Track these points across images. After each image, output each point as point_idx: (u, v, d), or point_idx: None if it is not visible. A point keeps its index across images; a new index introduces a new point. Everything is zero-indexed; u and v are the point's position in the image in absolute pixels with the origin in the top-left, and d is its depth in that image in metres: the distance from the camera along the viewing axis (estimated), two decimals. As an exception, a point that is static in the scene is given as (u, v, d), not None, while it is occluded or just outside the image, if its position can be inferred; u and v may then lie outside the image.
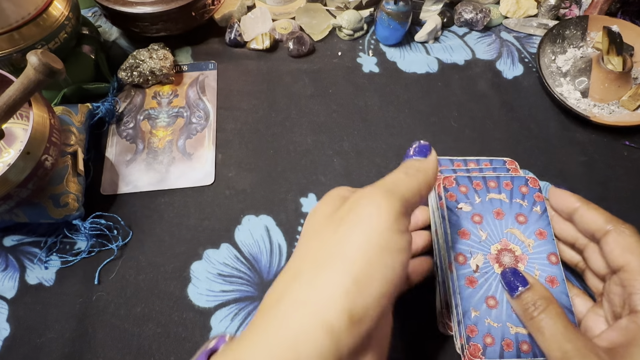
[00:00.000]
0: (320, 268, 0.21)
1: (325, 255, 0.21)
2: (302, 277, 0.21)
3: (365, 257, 0.20)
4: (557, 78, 0.58)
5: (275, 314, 0.20)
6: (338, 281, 0.20)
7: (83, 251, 0.45)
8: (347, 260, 0.20)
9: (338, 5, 0.64)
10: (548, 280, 0.35)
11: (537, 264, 0.36)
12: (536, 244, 0.37)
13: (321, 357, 0.19)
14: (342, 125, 0.54)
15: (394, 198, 0.23)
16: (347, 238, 0.21)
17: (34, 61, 0.35)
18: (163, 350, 0.40)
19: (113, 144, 0.52)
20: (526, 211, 0.38)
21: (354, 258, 0.20)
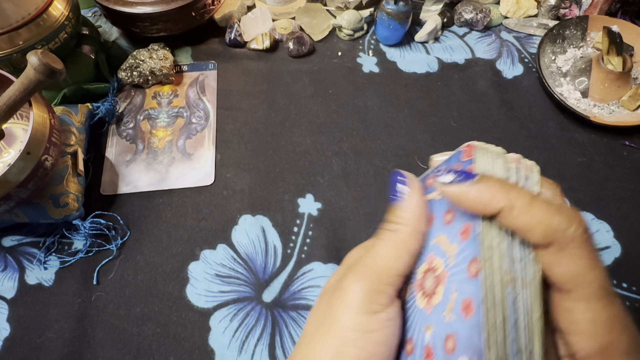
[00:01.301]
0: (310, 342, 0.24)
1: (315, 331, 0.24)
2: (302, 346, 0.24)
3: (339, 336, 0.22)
4: (557, 78, 0.58)
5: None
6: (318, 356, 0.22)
7: (81, 251, 0.45)
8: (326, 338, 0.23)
9: (338, 5, 0.64)
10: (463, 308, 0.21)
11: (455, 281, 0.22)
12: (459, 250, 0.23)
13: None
14: (341, 126, 0.54)
15: (366, 280, 0.23)
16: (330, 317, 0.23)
17: (34, 61, 0.35)
18: (162, 350, 0.40)
19: (113, 144, 0.52)
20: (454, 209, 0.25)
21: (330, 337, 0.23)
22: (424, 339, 0.23)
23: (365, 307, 0.22)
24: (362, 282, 0.23)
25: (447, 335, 0.22)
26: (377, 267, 0.23)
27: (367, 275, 0.23)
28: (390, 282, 0.23)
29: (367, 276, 0.23)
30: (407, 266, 0.24)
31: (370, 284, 0.23)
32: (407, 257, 0.24)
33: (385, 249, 0.24)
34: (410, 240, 0.24)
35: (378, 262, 0.23)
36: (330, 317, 0.23)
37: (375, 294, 0.23)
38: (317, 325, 0.24)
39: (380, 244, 0.24)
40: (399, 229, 0.24)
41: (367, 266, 0.23)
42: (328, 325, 0.23)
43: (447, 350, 0.21)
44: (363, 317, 0.22)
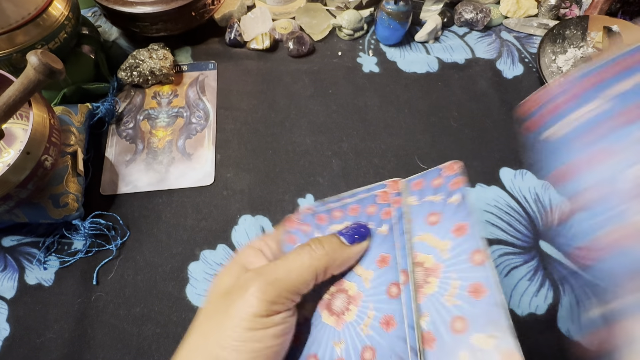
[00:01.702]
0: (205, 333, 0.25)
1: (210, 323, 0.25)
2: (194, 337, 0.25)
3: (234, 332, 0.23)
4: (557, 78, 0.57)
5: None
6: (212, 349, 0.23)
7: (81, 251, 0.45)
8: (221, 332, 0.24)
9: (338, 5, 0.64)
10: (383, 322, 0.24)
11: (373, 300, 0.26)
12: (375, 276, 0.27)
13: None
14: (341, 126, 0.54)
15: (273, 291, 0.24)
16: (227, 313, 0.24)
17: (34, 61, 0.35)
18: (162, 351, 0.40)
19: (113, 144, 0.52)
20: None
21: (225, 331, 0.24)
22: (333, 353, 0.26)
23: (264, 313, 0.24)
24: (267, 292, 0.24)
25: (363, 347, 0.24)
26: (285, 283, 0.25)
27: (272, 287, 0.24)
28: (291, 298, 0.25)
29: (272, 288, 0.24)
30: (308, 289, 0.26)
31: (273, 296, 0.24)
32: (313, 282, 0.26)
33: (300, 269, 0.25)
34: (322, 271, 0.26)
35: (288, 280, 0.25)
36: (228, 313, 0.24)
37: (274, 305, 0.24)
38: (212, 319, 0.25)
39: (298, 262, 0.26)
40: (318, 252, 0.26)
41: (276, 279, 0.25)
42: (224, 320, 0.24)
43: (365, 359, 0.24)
44: (259, 319, 0.23)
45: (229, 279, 0.27)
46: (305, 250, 0.26)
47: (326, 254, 0.26)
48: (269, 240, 0.31)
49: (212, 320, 0.25)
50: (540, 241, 0.46)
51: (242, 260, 0.28)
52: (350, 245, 0.27)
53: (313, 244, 0.26)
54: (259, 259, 0.28)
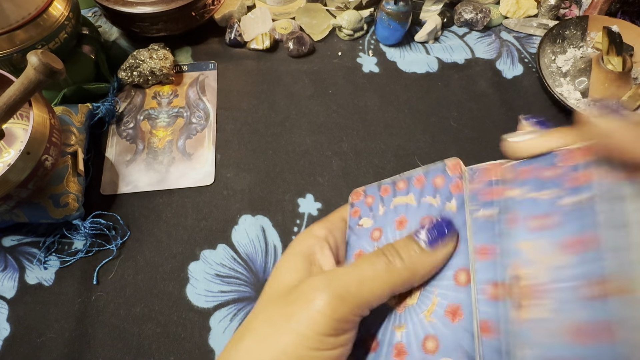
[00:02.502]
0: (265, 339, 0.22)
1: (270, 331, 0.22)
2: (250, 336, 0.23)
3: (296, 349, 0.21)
4: (557, 78, 0.58)
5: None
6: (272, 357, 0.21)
7: (81, 251, 0.45)
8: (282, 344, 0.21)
9: (338, 5, 0.64)
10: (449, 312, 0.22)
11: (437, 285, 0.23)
12: None
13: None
14: (341, 126, 0.54)
15: (342, 307, 0.21)
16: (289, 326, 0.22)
17: (34, 61, 0.35)
18: (163, 350, 0.40)
19: (113, 144, 0.52)
20: (436, 212, 0.25)
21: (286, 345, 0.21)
22: (394, 337, 0.23)
23: (331, 332, 0.21)
24: (336, 308, 0.21)
25: (426, 335, 0.22)
26: (357, 298, 0.22)
27: (343, 302, 0.21)
28: (363, 314, 0.22)
29: (342, 303, 0.21)
30: (381, 303, 0.23)
31: (343, 313, 0.21)
32: (386, 296, 0.22)
33: (374, 281, 0.22)
34: (399, 285, 0.22)
35: (360, 293, 0.22)
36: (290, 326, 0.21)
37: (344, 323, 0.21)
38: (273, 326, 0.22)
39: (372, 272, 0.22)
40: (397, 265, 0.22)
41: (347, 292, 0.22)
42: (285, 331, 0.21)
43: (427, 350, 0.22)
44: (326, 339, 0.21)
45: (292, 275, 0.24)
46: (381, 260, 0.22)
47: (405, 268, 0.22)
48: (332, 228, 0.28)
49: (271, 328, 0.22)
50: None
51: (305, 250, 0.26)
52: (432, 251, 0.22)
53: (389, 254, 0.22)
54: (324, 252, 0.26)
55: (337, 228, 0.28)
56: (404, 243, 0.23)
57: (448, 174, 0.26)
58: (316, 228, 0.28)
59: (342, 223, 0.29)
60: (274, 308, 0.23)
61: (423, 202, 0.26)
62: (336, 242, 0.27)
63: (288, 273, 0.24)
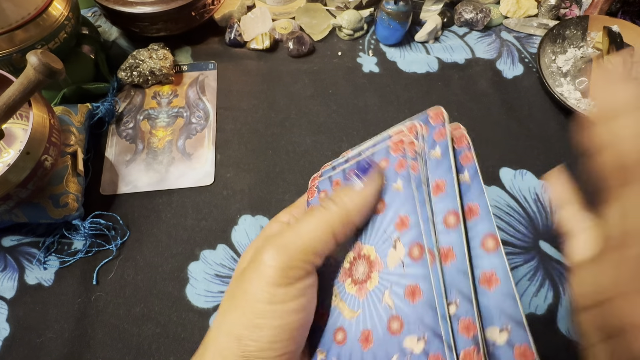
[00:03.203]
0: (226, 313, 0.24)
1: (231, 303, 0.24)
2: (218, 318, 0.24)
3: (254, 308, 0.22)
4: (557, 78, 0.57)
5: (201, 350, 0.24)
6: (233, 329, 0.23)
7: (80, 251, 0.45)
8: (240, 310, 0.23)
9: (338, 5, 0.64)
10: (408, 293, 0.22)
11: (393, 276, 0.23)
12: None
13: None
14: (341, 126, 0.54)
15: (282, 255, 0.23)
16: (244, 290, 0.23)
17: (33, 61, 0.35)
18: (162, 350, 0.40)
19: (113, 144, 0.52)
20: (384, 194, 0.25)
21: (245, 309, 0.23)
22: (359, 325, 0.24)
23: (280, 281, 0.22)
24: (279, 256, 0.22)
25: (390, 317, 0.22)
26: (297, 243, 0.23)
27: (285, 250, 0.23)
28: (308, 260, 0.23)
29: (284, 251, 0.23)
30: (329, 249, 0.24)
31: (287, 260, 0.22)
32: (330, 240, 0.23)
33: (309, 225, 0.23)
34: (338, 225, 0.24)
35: (299, 239, 0.23)
36: (244, 290, 0.23)
37: (290, 270, 0.22)
38: (232, 299, 0.24)
39: (307, 220, 0.24)
40: (330, 208, 0.24)
41: (286, 241, 0.23)
42: (242, 298, 0.23)
43: (392, 330, 0.22)
44: (277, 289, 0.22)
45: (249, 256, 0.25)
46: (315, 208, 0.24)
47: (337, 206, 0.24)
48: (294, 210, 0.29)
49: (231, 300, 0.24)
50: (540, 241, 0.46)
51: (267, 233, 0.27)
52: (361, 190, 0.24)
53: (323, 202, 0.24)
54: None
55: (299, 208, 0.30)
56: (337, 189, 0.25)
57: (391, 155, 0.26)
58: (281, 214, 0.29)
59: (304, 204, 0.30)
60: (233, 285, 0.25)
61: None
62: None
63: (247, 255, 0.26)
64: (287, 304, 0.22)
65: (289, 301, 0.22)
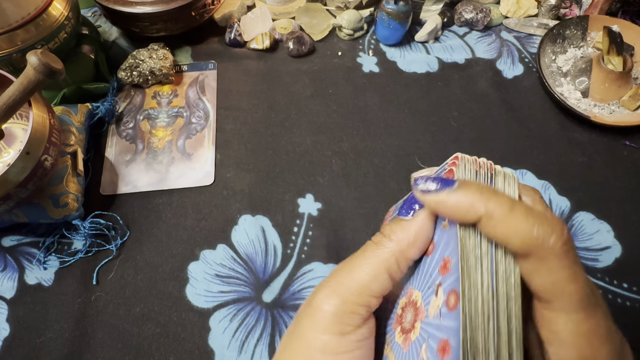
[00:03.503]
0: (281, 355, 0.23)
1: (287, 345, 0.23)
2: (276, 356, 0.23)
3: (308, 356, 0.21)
4: (557, 78, 0.57)
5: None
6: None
7: (80, 251, 0.45)
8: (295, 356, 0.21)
9: (338, 5, 0.64)
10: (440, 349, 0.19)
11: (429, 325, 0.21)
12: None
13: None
14: (341, 126, 0.54)
15: (337, 299, 0.21)
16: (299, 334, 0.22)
17: (33, 61, 0.35)
18: (162, 351, 0.40)
19: (113, 144, 0.52)
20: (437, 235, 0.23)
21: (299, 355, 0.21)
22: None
23: (335, 328, 0.21)
24: (333, 300, 0.21)
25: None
26: (351, 284, 0.21)
27: (339, 293, 0.21)
28: (364, 303, 0.21)
29: (339, 294, 0.21)
30: (385, 288, 0.22)
31: (341, 304, 0.21)
32: (385, 278, 0.22)
33: (363, 265, 0.22)
34: (393, 261, 0.22)
35: (353, 280, 0.21)
36: (298, 335, 0.22)
37: (345, 315, 0.21)
38: (286, 343, 0.22)
39: (360, 258, 0.22)
40: (385, 244, 0.22)
41: (340, 283, 0.22)
42: (296, 343, 0.22)
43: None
44: (332, 338, 0.21)
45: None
46: (368, 245, 0.23)
47: (390, 240, 0.22)
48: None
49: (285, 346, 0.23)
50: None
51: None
52: (409, 219, 0.22)
53: (374, 237, 0.23)
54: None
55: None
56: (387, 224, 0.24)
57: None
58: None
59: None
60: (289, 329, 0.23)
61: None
62: None
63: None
64: (341, 355, 0.21)
65: (343, 353, 0.21)
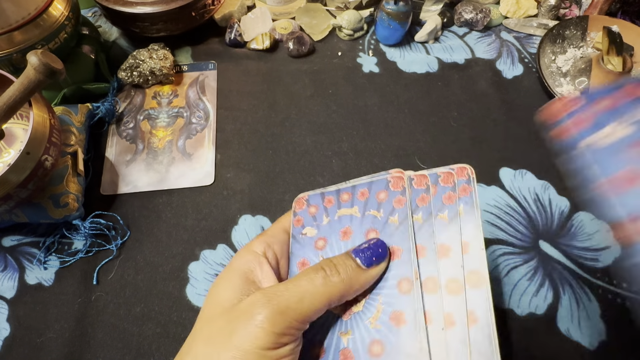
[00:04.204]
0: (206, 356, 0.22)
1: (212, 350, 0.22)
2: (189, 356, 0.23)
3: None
4: (557, 78, 0.58)
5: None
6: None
7: (81, 251, 0.45)
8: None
9: (338, 5, 0.64)
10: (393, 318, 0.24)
11: (382, 294, 0.25)
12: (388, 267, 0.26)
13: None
14: (341, 126, 0.54)
15: (282, 322, 0.22)
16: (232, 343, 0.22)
17: (34, 61, 0.35)
18: (162, 350, 0.40)
19: (113, 144, 0.52)
20: (379, 225, 0.27)
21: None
22: (340, 343, 0.25)
23: (271, 345, 0.22)
24: (276, 322, 0.22)
25: (372, 340, 0.24)
26: (296, 312, 0.22)
27: (283, 317, 0.22)
28: (302, 327, 0.23)
29: (283, 318, 0.22)
30: (320, 315, 0.24)
31: (284, 327, 0.22)
32: (324, 308, 0.23)
33: (313, 296, 0.23)
34: (338, 298, 0.24)
35: (299, 308, 0.22)
36: (231, 343, 0.22)
37: (283, 337, 0.22)
38: (213, 345, 0.22)
39: (311, 288, 0.23)
40: (337, 283, 0.23)
41: (286, 307, 0.22)
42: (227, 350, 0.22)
43: (373, 354, 0.23)
44: (268, 352, 0.22)
45: (229, 293, 0.25)
46: (319, 275, 0.24)
47: (342, 281, 0.23)
48: (272, 242, 0.28)
49: (212, 346, 0.22)
50: (540, 241, 0.46)
51: (242, 267, 0.26)
52: (367, 269, 0.24)
53: (327, 268, 0.24)
54: (263, 269, 0.26)
55: (278, 241, 0.29)
56: (342, 259, 0.25)
57: (391, 189, 0.28)
58: (255, 243, 0.28)
59: (283, 234, 0.29)
60: (213, 327, 0.23)
61: (367, 215, 0.28)
62: (275, 256, 0.28)
63: (225, 291, 0.25)
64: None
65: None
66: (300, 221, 0.30)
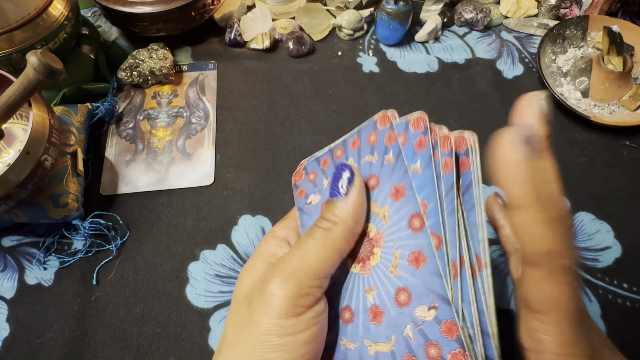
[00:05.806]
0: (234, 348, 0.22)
1: (239, 337, 0.23)
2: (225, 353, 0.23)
3: (264, 343, 0.21)
4: (557, 78, 0.57)
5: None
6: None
7: (80, 251, 0.45)
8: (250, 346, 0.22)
9: (338, 5, 0.64)
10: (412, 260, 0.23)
11: (395, 238, 0.24)
12: (393, 210, 0.24)
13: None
14: (341, 126, 0.54)
15: (291, 284, 0.22)
16: (252, 322, 0.22)
17: (33, 61, 0.35)
18: (162, 351, 0.40)
19: (113, 144, 0.52)
20: (376, 168, 0.26)
21: (254, 344, 0.21)
22: (367, 302, 0.24)
23: (290, 312, 0.21)
24: (287, 285, 0.22)
25: (396, 290, 0.23)
26: (304, 269, 0.22)
27: (292, 278, 0.22)
28: (317, 285, 0.22)
29: (292, 279, 0.22)
30: (335, 267, 0.23)
31: (296, 288, 0.22)
32: (337, 259, 0.23)
33: (315, 249, 0.23)
34: (342, 242, 0.23)
35: (306, 265, 0.22)
36: (253, 322, 0.22)
37: (301, 298, 0.22)
38: (239, 331, 0.22)
39: (311, 244, 0.23)
40: (332, 228, 0.23)
41: (293, 268, 0.22)
42: (251, 331, 0.22)
43: (401, 303, 0.22)
44: (287, 321, 0.21)
45: (252, 277, 0.24)
46: (315, 231, 0.24)
47: (335, 224, 0.23)
48: (292, 224, 0.28)
49: (239, 333, 0.22)
50: (540, 241, 0.45)
51: (265, 252, 0.26)
52: (346, 198, 0.24)
53: (318, 222, 0.24)
54: (284, 250, 0.26)
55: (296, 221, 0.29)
56: (325, 206, 0.24)
57: (379, 129, 0.26)
58: (277, 228, 0.28)
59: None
60: (238, 313, 0.24)
61: (363, 163, 0.27)
62: (297, 238, 0.28)
63: (249, 276, 0.25)
64: (299, 335, 0.21)
65: (300, 332, 0.21)
66: (302, 192, 0.30)
